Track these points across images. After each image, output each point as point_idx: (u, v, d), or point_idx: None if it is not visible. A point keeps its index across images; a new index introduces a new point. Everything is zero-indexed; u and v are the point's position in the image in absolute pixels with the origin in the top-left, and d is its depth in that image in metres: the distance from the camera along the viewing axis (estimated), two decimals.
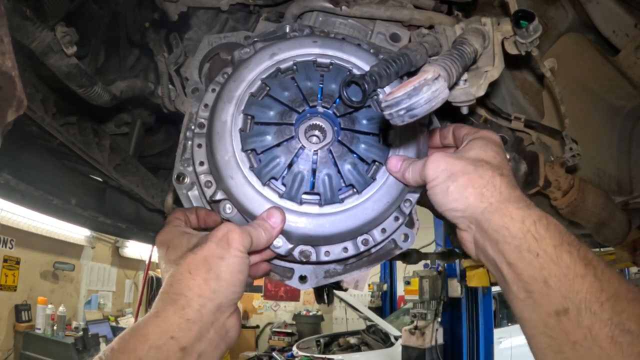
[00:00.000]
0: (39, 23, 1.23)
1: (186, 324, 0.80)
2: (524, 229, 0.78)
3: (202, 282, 0.82)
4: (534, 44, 1.13)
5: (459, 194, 0.84)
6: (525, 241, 0.77)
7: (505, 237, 0.79)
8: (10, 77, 0.76)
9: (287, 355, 10.28)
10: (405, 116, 0.75)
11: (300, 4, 1.27)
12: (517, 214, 0.79)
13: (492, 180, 0.83)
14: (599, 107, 2.02)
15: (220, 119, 0.99)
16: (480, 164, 0.85)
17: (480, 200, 0.82)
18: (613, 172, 2.04)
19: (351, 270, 1.10)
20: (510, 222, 0.79)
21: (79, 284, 10.38)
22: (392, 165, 0.97)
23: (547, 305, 0.74)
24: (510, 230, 0.79)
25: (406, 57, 0.98)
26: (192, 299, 0.81)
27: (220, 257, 0.84)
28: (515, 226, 0.78)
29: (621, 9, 1.79)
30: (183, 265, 0.84)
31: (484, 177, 0.83)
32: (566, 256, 0.74)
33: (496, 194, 0.82)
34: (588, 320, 0.71)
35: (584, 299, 0.71)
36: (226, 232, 0.86)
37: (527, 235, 0.77)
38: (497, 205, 0.81)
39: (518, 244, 0.78)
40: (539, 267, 0.75)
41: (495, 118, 1.70)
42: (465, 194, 0.83)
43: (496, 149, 0.90)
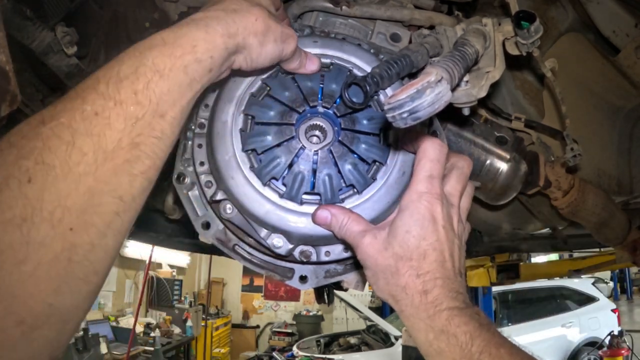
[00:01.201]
0: (39, 23, 1.23)
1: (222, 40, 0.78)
2: (427, 342, 0.83)
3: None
4: (535, 44, 1.13)
5: (381, 293, 0.89)
6: (430, 353, 0.84)
7: (417, 342, 0.86)
8: (4, 72, 0.76)
9: (287, 355, 10.28)
10: (408, 119, 0.75)
11: (300, 4, 1.27)
12: (422, 325, 0.83)
13: (405, 289, 0.85)
14: (599, 107, 2.02)
15: (221, 119, 0.99)
16: (397, 268, 0.86)
17: (395, 304, 0.87)
18: (613, 172, 2.04)
19: (351, 270, 1.10)
20: (417, 333, 0.85)
21: None
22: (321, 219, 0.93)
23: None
24: (418, 339, 0.85)
25: (407, 58, 0.98)
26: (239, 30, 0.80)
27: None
28: (420, 337, 0.84)
29: (621, 9, 1.79)
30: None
31: (399, 284, 0.86)
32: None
33: (408, 302, 0.85)
34: None
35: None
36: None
37: (430, 349, 0.83)
38: (408, 313, 0.85)
39: (425, 353, 0.85)
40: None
41: (495, 118, 1.70)
42: (385, 295, 0.89)
43: (422, 231, 0.86)
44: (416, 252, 0.85)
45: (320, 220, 0.93)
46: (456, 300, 0.84)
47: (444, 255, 0.87)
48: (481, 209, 2.07)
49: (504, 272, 5.47)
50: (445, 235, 0.87)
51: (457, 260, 0.89)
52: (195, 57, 0.72)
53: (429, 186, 0.88)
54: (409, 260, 0.85)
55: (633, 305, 20.73)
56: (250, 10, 0.82)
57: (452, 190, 0.94)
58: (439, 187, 0.89)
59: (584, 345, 10.52)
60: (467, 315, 0.82)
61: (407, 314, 0.86)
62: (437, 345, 0.81)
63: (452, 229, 0.90)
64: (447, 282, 0.85)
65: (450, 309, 0.82)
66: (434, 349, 0.82)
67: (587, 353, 10.30)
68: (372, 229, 0.91)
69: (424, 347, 0.84)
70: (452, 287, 0.85)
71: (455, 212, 0.93)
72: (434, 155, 0.90)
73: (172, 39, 0.73)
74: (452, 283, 0.86)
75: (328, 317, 14.96)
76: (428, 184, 0.88)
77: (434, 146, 0.91)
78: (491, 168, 1.60)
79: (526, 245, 3.60)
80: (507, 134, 1.65)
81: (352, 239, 0.91)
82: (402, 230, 0.87)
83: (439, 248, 0.86)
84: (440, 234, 0.87)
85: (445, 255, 0.87)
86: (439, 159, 0.91)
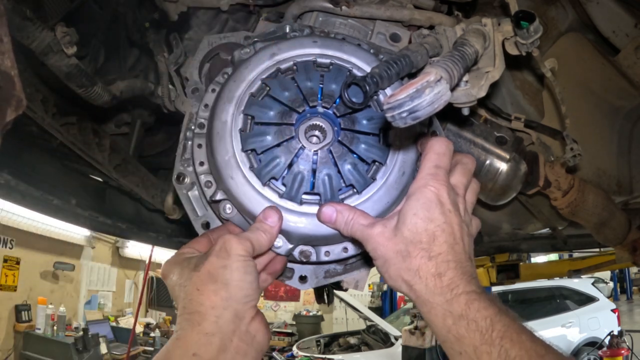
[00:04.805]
0: (39, 23, 1.23)
1: (205, 338, 0.80)
2: (446, 327, 0.81)
3: (212, 294, 0.82)
4: (535, 44, 1.13)
5: (393, 281, 0.88)
6: (449, 339, 0.81)
7: (434, 328, 0.84)
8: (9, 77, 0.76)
9: (287, 355, 10.28)
10: (408, 118, 0.75)
11: (300, 4, 1.27)
12: (439, 311, 0.82)
13: (418, 273, 0.84)
14: (599, 107, 2.02)
15: (221, 119, 0.99)
16: (408, 251, 0.85)
17: (409, 291, 0.86)
18: (613, 172, 2.04)
19: (351, 270, 1.10)
20: (434, 318, 0.83)
21: (79, 284, 10.39)
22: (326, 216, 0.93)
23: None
24: (435, 326, 0.83)
25: (407, 58, 0.98)
26: (205, 313, 0.81)
27: (223, 266, 0.84)
28: (438, 323, 0.82)
29: (621, 9, 1.79)
30: (190, 285, 0.84)
31: (411, 269, 0.85)
32: (485, 357, 0.77)
33: (422, 287, 0.84)
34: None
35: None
36: (223, 242, 0.86)
37: (448, 335, 0.81)
38: (423, 299, 0.84)
39: (443, 339, 0.83)
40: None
41: (495, 118, 1.70)
42: (398, 283, 0.87)
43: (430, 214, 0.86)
44: (425, 235, 0.85)
45: (325, 217, 0.93)
46: (471, 284, 0.83)
47: (453, 237, 0.86)
48: (481, 209, 2.07)
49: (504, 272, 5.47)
50: (452, 218, 0.87)
51: (467, 245, 0.89)
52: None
53: (435, 174, 0.89)
54: (419, 243, 0.85)
55: (633, 305, 20.73)
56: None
57: (457, 182, 0.95)
58: (444, 176, 0.90)
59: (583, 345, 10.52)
60: (487, 300, 0.81)
61: (423, 300, 0.83)
62: (456, 331, 0.79)
63: (459, 214, 0.90)
64: (460, 265, 0.84)
65: (467, 292, 0.81)
66: (453, 335, 0.80)
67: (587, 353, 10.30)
68: (380, 220, 0.91)
69: (442, 333, 0.82)
70: (466, 271, 0.84)
71: (462, 202, 0.93)
72: (440, 149, 0.93)
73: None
74: (465, 266, 0.85)
75: (328, 317, 14.97)
76: (434, 172, 0.90)
77: (441, 142, 0.94)
78: (491, 168, 1.60)
79: (526, 245, 3.60)
80: (506, 134, 1.65)
81: (361, 233, 0.90)
82: (410, 215, 0.87)
83: (448, 230, 0.86)
84: (447, 217, 0.87)
85: (455, 237, 0.86)
86: (445, 153, 0.93)
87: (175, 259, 0.93)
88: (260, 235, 0.90)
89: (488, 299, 0.81)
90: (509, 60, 1.15)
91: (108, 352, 9.02)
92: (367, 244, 0.90)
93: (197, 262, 0.87)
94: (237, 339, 0.83)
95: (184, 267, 0.89)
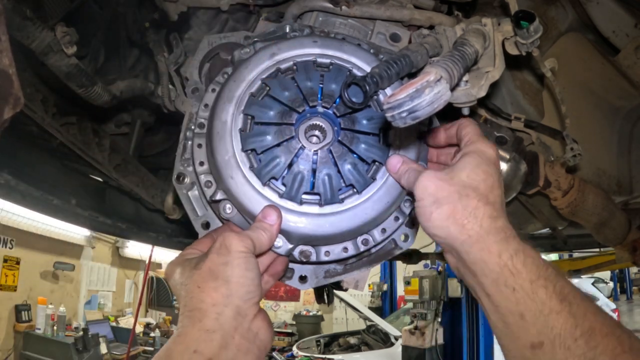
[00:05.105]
0: (39, 23, 1.23)
1: (206, 335, 0.80)
2: (501, 263, 0.79)
3: (213, 291, 0.82)
4: (535, 44, 1.13)
5: (441, 222, 0.84)
6: (502, 275, 0.79)
7: (483, 270, 0.80)
8: (7, 75, 0.76)
9: (287, 355, 10.28)
10: (408, 118, 0.75)
11: (300, 4, 1.27)
12: (494, 247, 0.80)
13: (474, 212, 0.83)
14: (599, 107, 2.02)
15: (221, 119, 0.99)
16: (466, 192, 0.84)
17: (460, 231, 0.83)
18: (613, 172, 2.04)
19: (351, 270, 1.10)
20: (487, 256, 0.80)
21: (79, 284, 10.38)
22: (392, 165, 0.97)
23: (524, 338, 0.77)
24: (487, 264, 0.80)
25: (407, 58, 0.98)
26: (206, 310, 0.81)
27: (224, 263, 0.84)
28: (492, 260, 0.79)
29: (621, 9, 1.79)
30: (191, 283, 0.84)
31: (467, 207, 0.83)
32: (542, 292, 0.76)
33: (476, 227, 0.82)
34: (562, 355, 0.73)
35: (559, 335, 0.74)
36: (223, 240, 0.86)
37: (504, 270, 0.78)
38: (476, 238, 0.81)
39: (495, 278, 0.79)
40: (515, 302, 0.77)
41: (495, 118, 1.70)
42: (447, 223, 0.83)
43: (489, 169, 0.88)
44: (484, 185, 0.86)
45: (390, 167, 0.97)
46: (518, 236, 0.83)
47: (502, 195, 0.88)
48: None
49: None
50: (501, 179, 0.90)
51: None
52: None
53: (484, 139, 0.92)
54: (477, 189, 0.85)
55: (633, 305, 20.72)
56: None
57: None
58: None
59: None
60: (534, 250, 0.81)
61: (475, 239, 0.81)
62: (512, 266, 0.78)
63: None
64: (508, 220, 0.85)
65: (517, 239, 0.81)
66: (508, 270, 0.78)
67: None
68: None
69: (495, 271, 0.79)
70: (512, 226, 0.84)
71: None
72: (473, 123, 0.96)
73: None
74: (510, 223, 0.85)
75: (328, 317, 14.97)
76: (483, 138, 0.92)
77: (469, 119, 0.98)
78: None
79: None
80: (506, 134, 1.65)
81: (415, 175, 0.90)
82: (469, 166, 0.87)
83: (501, 188, 0.88)
84: (500, 177, 0.89)
85: (503, 196, 0.88)
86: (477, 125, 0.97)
87: (178, 260, 0.93)
88: (260, 233, 0.90)
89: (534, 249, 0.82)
90: (509, 60, 1.15)
91: (108, 352, 9.02)
92: (418, 184, 0.87)
93: (197, 261, 0.87)
94: (239, 336, 0.83)
95: (185, 267, 0.89)
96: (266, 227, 0.92)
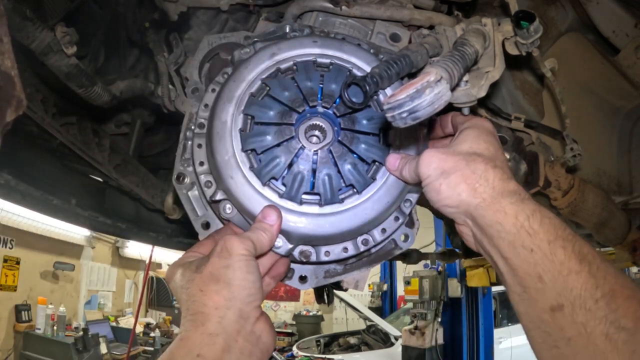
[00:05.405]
0: (39, 23, 1.23)
1: (209, 338, 0.80)
2: (518, 224, 0.77)
3: (215, 294, 0.82)
4: (535, 44, 1.13)
5: (452, 191, 0.83)
6: (519, 237, 0.76)
7: (500, 233, 0.78)
8: (9, 77, 0.76)
9: (287, 355, 10.28)
10: (408, 119, 0.75)
11: (300, 4, 1.27)
12: (510, 208, 0.78)
13: (484, 175, 0.81)
14: (599, 107, 2.02)
15: (220, 119, 0.99)
16: (473, 158, 0.84)
17: (473, 196, 0.81)
18: (613, 172, 2.04)
19: (351, 270, 1.10)
20: (503, 217, 0.78)
21: (79, 284, 10.38)
22: (390, 163, 0.97)
23: (542, 301, 0.74)
24: (503, 226, 0.78)
25: (407, 58, 0.98)
26: (209, 313, 0.81)
27: (225, 266, 0.83)
28: (508, 221, 0.78)
29: (621, 9, 1.79)
30: (192, 287, 0.84)
31: (477, 171, 0.82)
32: (560, 252, 0.74)
33: (489, 189, 0.80)
34: (583, 317, 0.70)
35: (579, 296, 0.71)
36: (224, 242, 0.86)
37: (520, 231, 0.76)
38: (490, 201, 0.80)
39: (512, 240, 0.77)
40: (533, 263, 0.75)
41: (495, 118, 1.70)
42: (458, 190, 0.82)
43: (489, 138, 0.89)
44: (487, 152, 0.86)
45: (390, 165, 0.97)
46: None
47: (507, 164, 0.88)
48: None
49: None
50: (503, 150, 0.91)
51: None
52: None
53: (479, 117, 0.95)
54: (481, 155, 0.85)
55: None
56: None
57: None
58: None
59: None
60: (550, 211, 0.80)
61: (489, 201, 0.79)
62: (529, 227, 0.76)
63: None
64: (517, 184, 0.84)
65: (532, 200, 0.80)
66: (525, 231, 0.76)
67: None
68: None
69: (512, 232, 0.77)
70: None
71: None
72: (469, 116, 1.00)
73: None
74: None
75: (328, 317, 14.97)
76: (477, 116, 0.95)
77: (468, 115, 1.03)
78: None
79: None
80: (506, 134, 1.65)
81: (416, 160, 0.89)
82: (469, 138, 0.88)
83: (504, 156, 0.88)
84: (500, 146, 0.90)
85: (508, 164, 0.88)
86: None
87: (179, 262, 0.93)
88: (260, 234, 0.90)
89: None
90: (509, 60, 1.15)
91: (108, 352, 9.02)
92: (421, 163, 0.87)
93: (198, 264, 0.87)
94: (241, 340, 0.83)
95: (186, 269, 0.88)
96: (266, 228, 0.91)
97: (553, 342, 0.73)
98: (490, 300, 8.07)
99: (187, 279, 0.86)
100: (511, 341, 8.95)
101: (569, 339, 0.71)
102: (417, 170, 0.88)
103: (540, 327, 0.75)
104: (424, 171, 0.86)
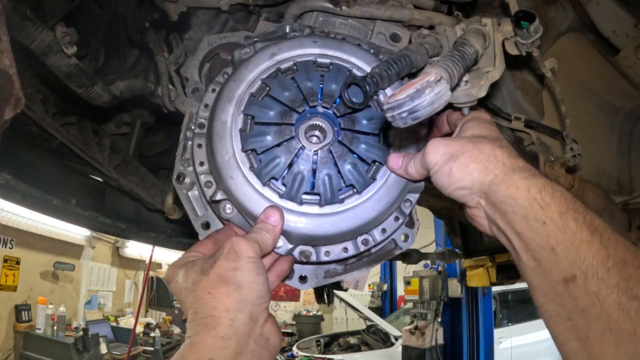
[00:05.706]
0: (39, 23, 1.23)
1: (221, 342, 0.79)
2: (530, 197, 0.78)
3: (225, 296, 0.81)
4: (535, 44, 1.13)
5: (463, 172, 0.84)
6: (532, 210, 0.77)
7: (513, 207, 0.79)
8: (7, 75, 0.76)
9: (287, 355, 10.28)
10: (408, 118, 0.75)
11: (300, 4, 1.27)
12: (522, 183, 0.79)
13: (493, 153, 0.83)
14: (599, 107, 2.02)
15: (221, 119, 0.99)
16: (479, 140, 0.86)
17: (484, 173, 0.82)
18: (613, 172, 2.04)
19: (351, 270, 1.10)
20: (516, 191, 0.79)
21: (79, 284, 10.38)
22: (393, 162, 0.97)
23: (556, 273, 0.75)
24: (516, 200, 0.79)
25: (407, 58, 0.98)
26: (220, 316, 0.80)
27: (234, 268, 0.83)
28: (521, 195, 0.79)
29: (621, 9, 1.79)
30: (200, 289, 0.83)
31: (485, 151, 0.84)
32: (572, 223, 0.74)
33: (499, 166, 0.82)
34: (595, 287, 0.70)
35: (591, 265, 0.71)
36: (232, 245, 0.85)
37: (533, 204, 0.78)
38: (502, 177, 0.81)
39: (525, 213, 0.78)
40: (546, 235, 0.76)
41: (495, 118, 1.70)
42: (469, 170, 0.83)
43: (490, 125, 0.91)
44: (491, 135, 0.88)
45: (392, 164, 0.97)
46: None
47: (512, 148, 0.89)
48: None
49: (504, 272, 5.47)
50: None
51: None
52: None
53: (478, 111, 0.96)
54: (486, 137, 0.87)
55: None
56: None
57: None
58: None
59: None
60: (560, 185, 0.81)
61: (501, 177, 0.81)
62: (541, 199, 0.77)
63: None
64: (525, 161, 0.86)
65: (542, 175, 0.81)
66: (538, 204, 0.77)
67: None
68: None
69: (524, 205, 0.78)
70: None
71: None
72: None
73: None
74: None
75: (328, 317, 14.97)
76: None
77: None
78: None
79: None
80: (506, 133, 1.65)
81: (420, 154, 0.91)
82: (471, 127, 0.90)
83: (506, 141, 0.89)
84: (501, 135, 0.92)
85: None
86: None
87: (179, 263, 0.92)
88: (264, 235, 0.90)
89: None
90: (509, 60, 1.15)
91: (108, 352, 9.01)
92: (428, 151, 0.88)
93: (203, 266, 0.86)
94: (252, 342, 0.82)
95: (189, 270, 0.87)
96: (269, 228, 0.91)
97: (567, 315, 0.74)
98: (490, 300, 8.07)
99: (192, 280, 0.85)
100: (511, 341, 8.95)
101: (582, 310, 0.71)
102: (423, 160, 0.89)
103: (554, 300, 0.76)
104: (431, 159, 0.87)
